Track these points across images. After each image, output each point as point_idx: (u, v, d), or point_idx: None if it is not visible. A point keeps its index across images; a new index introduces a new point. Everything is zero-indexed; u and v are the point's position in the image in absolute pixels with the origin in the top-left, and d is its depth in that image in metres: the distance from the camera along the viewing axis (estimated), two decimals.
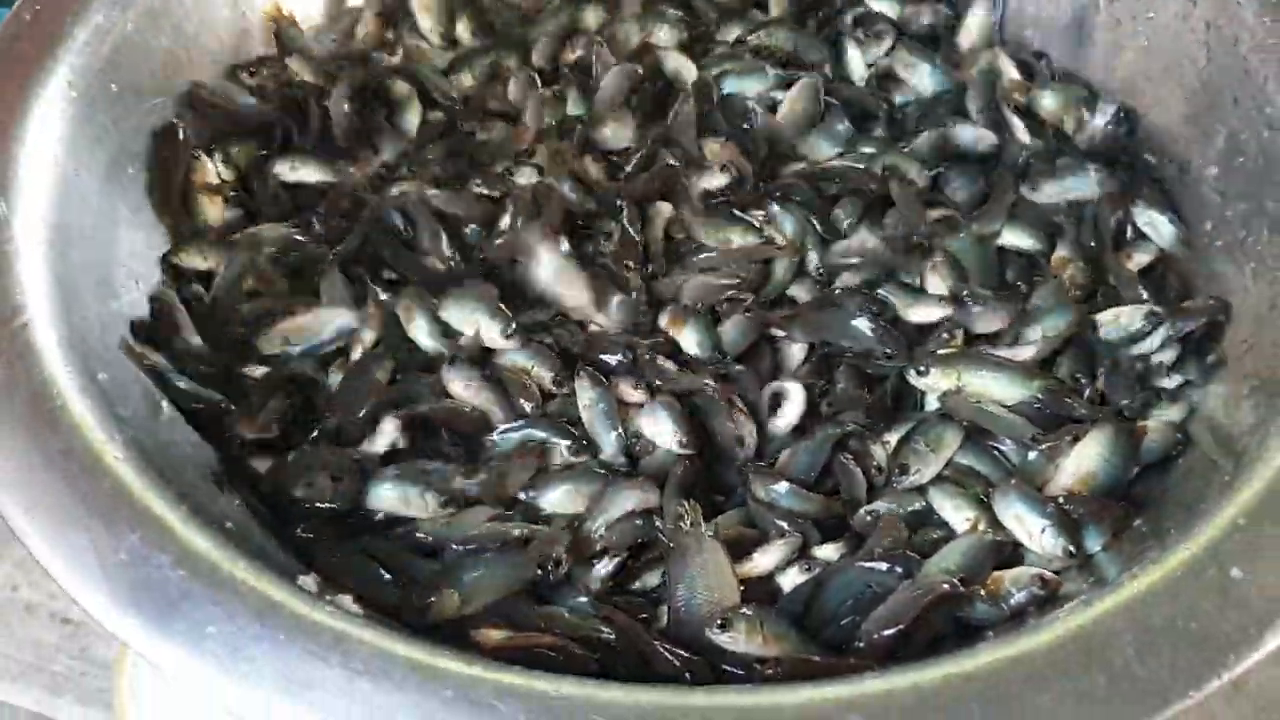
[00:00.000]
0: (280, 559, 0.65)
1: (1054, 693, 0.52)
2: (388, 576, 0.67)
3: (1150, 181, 0.88)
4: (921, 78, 1.00)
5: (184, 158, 0.85)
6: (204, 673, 0.53)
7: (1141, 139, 0.90)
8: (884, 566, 0.66)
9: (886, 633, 0.63)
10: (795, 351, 0.82)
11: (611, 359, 0.79)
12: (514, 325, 0.79)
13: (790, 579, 0.69)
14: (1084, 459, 0.71)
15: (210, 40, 0.89)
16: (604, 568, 0.69)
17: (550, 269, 0.83)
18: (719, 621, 0.62)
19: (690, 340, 0.81)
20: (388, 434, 0.75)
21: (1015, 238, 0.87)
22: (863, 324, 0.80)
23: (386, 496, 0.72)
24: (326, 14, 1.01)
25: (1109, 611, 0.55)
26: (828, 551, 0.70)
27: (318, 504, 0.71)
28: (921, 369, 0.77)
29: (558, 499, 0.72)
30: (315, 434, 0.76)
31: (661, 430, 0.75)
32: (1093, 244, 0.86)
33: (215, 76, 0.90)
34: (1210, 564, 0.56)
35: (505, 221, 0.87)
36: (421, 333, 0.81)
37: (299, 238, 0.85)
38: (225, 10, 0.90)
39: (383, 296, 0.82)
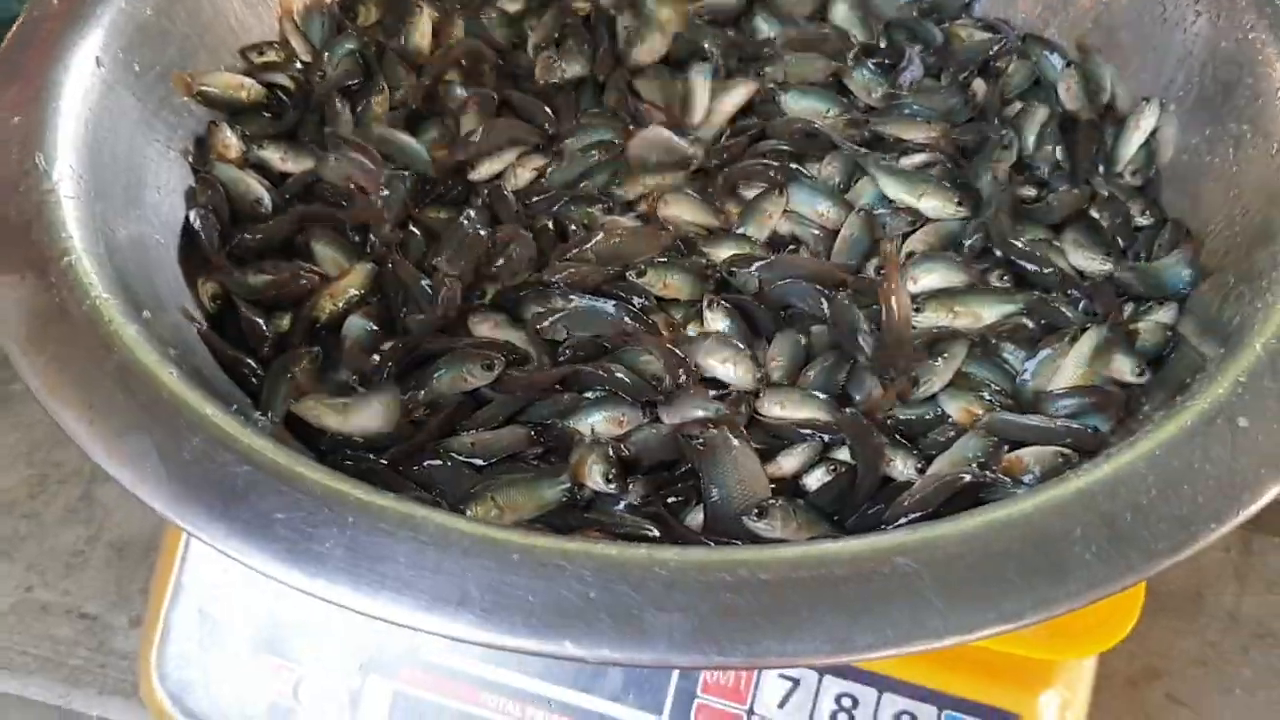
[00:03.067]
0: None
1: (1085, 526, 0.55)
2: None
3: None
4: None
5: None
6: (274, 555, 0.54)
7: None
8: None
9: (913, 516, 0.66)
10: None
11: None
12: None
13: (815, 479, 0.72)
14: (1082, 357, 0.75)
15: (223, 27, 0.92)
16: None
17: None
18: (756, 510, 0.65)
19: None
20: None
21: None
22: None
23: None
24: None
25: (1129, 461, 0.58)
26: (847, 454, 0.73)
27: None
28: (916, 307, 0.81)
29: (597, 423, 0.74)
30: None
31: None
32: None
33: (228, 59, 0.93)
34: (1218, 416, 0.60)
35: None
36: None
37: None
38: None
39: None
